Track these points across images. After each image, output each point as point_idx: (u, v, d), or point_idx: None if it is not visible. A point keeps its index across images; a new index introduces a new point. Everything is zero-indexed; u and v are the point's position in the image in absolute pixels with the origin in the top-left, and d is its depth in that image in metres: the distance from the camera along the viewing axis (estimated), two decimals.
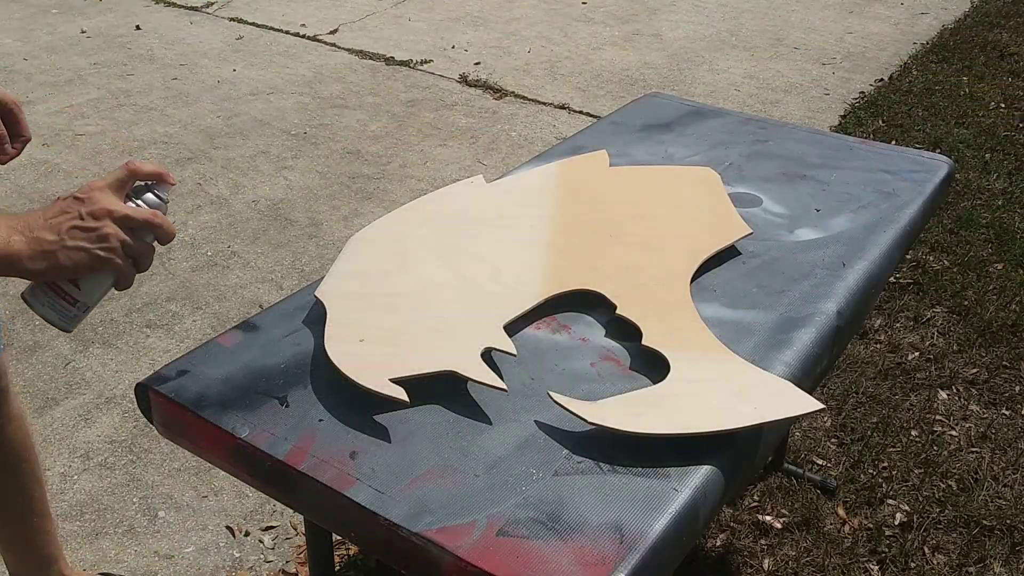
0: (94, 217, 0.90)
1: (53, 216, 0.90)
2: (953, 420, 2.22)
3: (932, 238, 2.95)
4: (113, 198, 0.92)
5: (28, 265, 0.89)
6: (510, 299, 1.12)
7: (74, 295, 0.93)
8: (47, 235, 0.89)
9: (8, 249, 0.87)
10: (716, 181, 1.40)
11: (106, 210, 0.90)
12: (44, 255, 0.89)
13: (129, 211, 0.92)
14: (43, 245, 0.89)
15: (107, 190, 0.92)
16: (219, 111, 3.86)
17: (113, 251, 0.91)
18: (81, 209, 0.90)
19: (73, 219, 0.90)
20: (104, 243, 0.91)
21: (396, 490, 0.87)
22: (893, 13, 5.30)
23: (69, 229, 0.89)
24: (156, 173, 0.96)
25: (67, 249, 0.89)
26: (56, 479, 2.02)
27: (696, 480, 0.89)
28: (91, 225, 0.90)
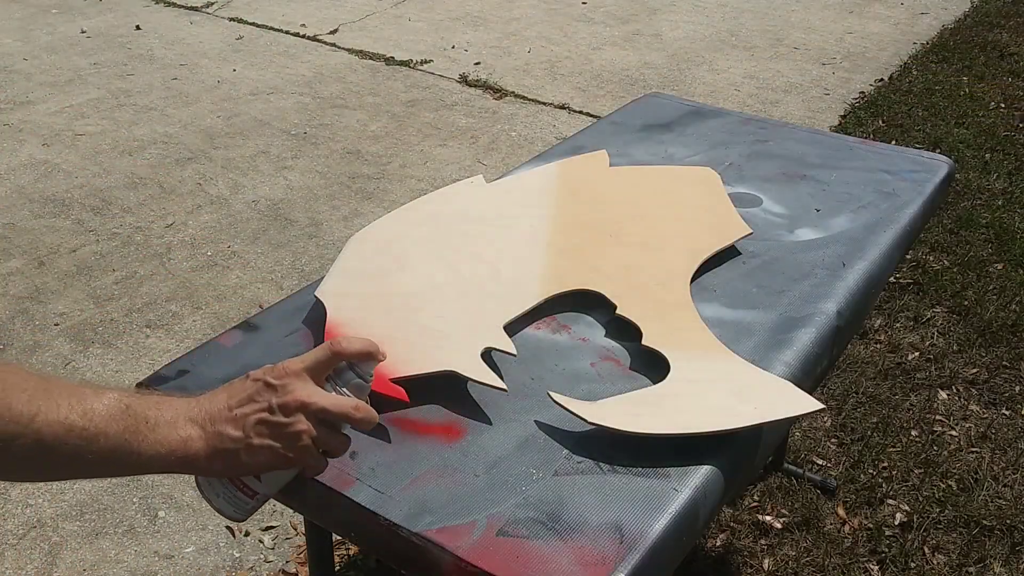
0: (285, 411, 0.78)
1: (239, 405, 0.78)
2: (953, 420, 2.22)
3: (932, 238, 2.95)
4: (309, 386, 0.80)
5: (204, 465, 0.78)
6: (510, 299, 1.12)
7: (254, 488, 0.83)
8: (230, 431, 0.77)
9: (185, 451, 0.76)
10: (716, 181, 1.40)
11: (300, 403, 0.78)
12: (224, 454, 0.77)
13: (327, 404, 0.79)
14: (225, 443, 0.77)
15: (304, 375, 0.80)
16: (219, 111, 3.86)
17: (303, 449, 0.79)
18: (272, 400, 0.78)
19: (261, 412, 0.78)
20: (294, 442, 0.79)
21: (396, 490, 0.87)
22: (893, 13, 5.30)
23: (255, 424, 0.78)
24: (363, 353, 0.83)
25: (251, 449, 0.78)
26: None
27: (696, 480, 0.89)
28: (281, 420, 0.78)
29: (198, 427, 0.77)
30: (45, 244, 2.89)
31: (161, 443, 0.75)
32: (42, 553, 1.84)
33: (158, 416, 0.76)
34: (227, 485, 0.82)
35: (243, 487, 0.82)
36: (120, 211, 3.09)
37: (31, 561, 1.83)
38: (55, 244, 2.89)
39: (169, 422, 0.76)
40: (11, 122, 3.71)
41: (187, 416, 0.78)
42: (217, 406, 0.79)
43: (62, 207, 3.10)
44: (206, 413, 0.78)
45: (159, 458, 0.75)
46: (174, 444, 0.76)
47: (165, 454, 0.75)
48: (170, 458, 0.76)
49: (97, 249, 2.87)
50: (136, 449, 0.74)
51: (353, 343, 0.82)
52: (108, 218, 3.05)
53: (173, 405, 0.78)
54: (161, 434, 0.75)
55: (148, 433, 0.75)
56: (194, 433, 0.77)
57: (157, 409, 0.76)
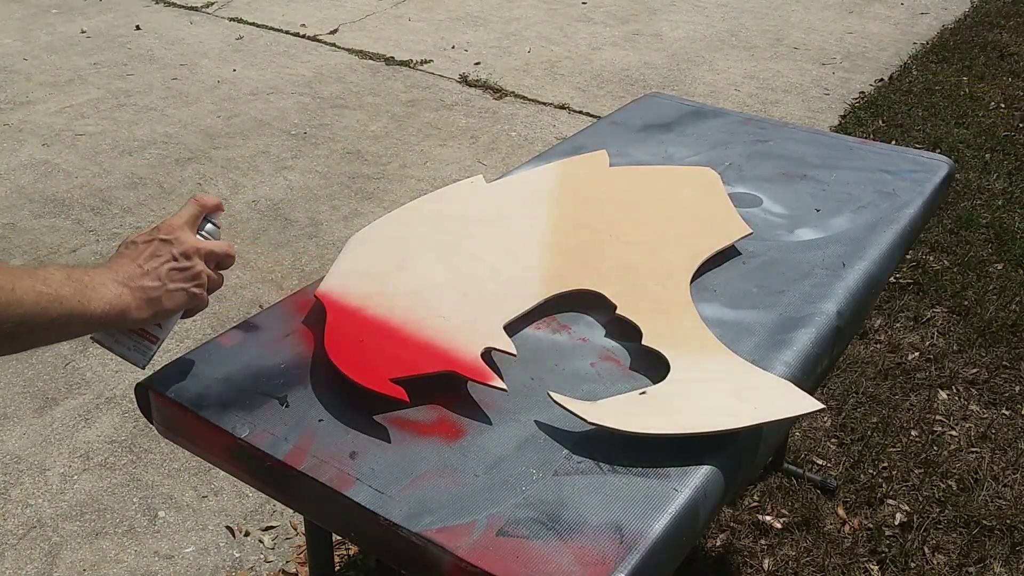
0: (186, 257, 0.93)
1: (146, 261, 0.91)
2: (953, 420, 2.22)
3: (932, 238, 2.95)
4: (192, 235, 0.96)
5: (135, 315, 0.90)
6: (510, 299, 1.12)
7: (156, 333, 0.96)
8: (149, 282, 0.90)
9: (120, 303, 0.88)
10: (716, 181, 1.40)
11: (195, 248, 0.94)
12: (150, 303, 0.91)
13: (212, 247, 0.96)
14: (148, 293, 0.90)
15: (186, 228, 0.95)
16: (219, 111, 3.86)
17: (203, 287, 0.95)
18: (173, 250, 0.92)
19: (168, 261, 0.92)
20: (197, 280, 0.94)
21: (396, 490, 0.87)
22: (893, 13, 5.30)
23: (168, 272, 0.92)
24: (217, 205, 1.01)
25: (169, 293, 0.92)
26: (56, 479, 2.02)
27: (696, 480, 0.89)
28: (185, 265, 0.93)
29: (123, 285, 0.89)
30: (45, 244, 2.89)
31: (102, 300, 0.86)
32: (42, 553, 1.84)
33: (91, 280, 0.87)
34: (130, 335, 0.95)
35: (147, 335, 0.95)
36: (120, 211, 3.09)
37: (31, 561, 1.83)
38: (55, 244, 2.89)
39: (101, 283, 0.87)
40: (11, 122, 3.71)
41: (111, 278, 0.89)
42: (129, 268, 0.91)
43: (62, 207, 3.10)
44: (124, 274, 0.90)
45: (103, 314, 0.87)
46: (112, 299, 0.87)
47: (108, 310, 0.87)
48: (111, 313, 0.87)
49: (97, 249, 2.87)
50: (87, 308, 0.85)
51: (209, 198, 1.00)
52: (108, 218, 3.05)
53: (91, 273, 0.88)
54: (99, 293, 0.86)
55: (91, 293, 0.86)
56: (122, 290, 0.89)
57: (86, 275, 0.87)
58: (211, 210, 1.00)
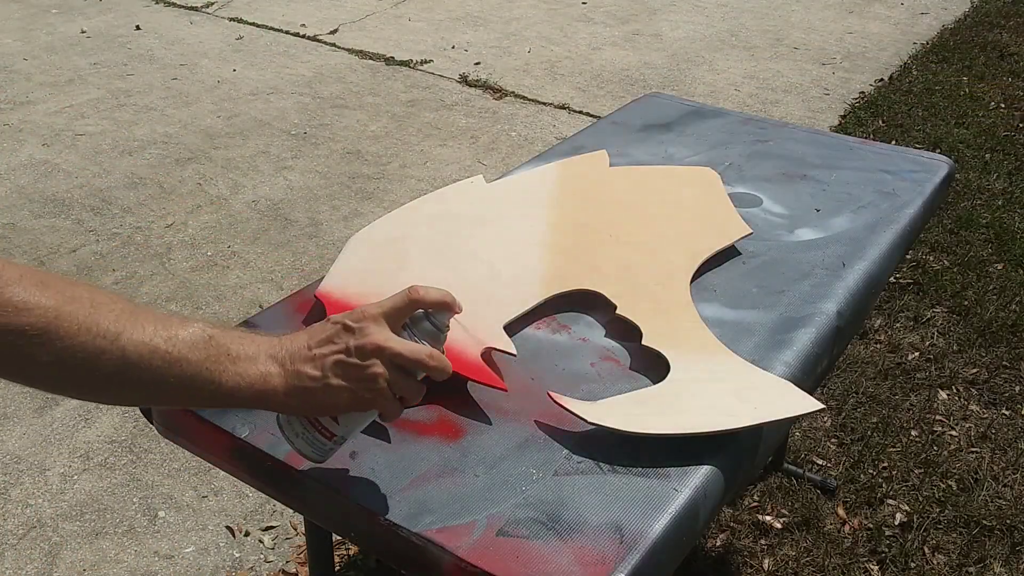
0: (362, 354, 0.79)
1: (318, 345, 0.80)
2: (953, 420, 2.22)
3: (932, 238, 2.95)
4: (386, 331, 0.81)
5: (283, 400, 0.79)
6: (510, 299, 1.12)
7: (332, 430, 0.84)
8: (309, 370, 0.79)
9: (264, 385, 0.78)
10: (716, 181, 1.40)
11: (377, 346, 0.79)
12: (302, 392, 0.79)
13: (402, 349, 0.80)
14: (303, 381, 0.79)
15: (381, 320, 0.81)
16: (219, 111, 3.86)
17: (379, 392, 0.80)
18: (350, 342, 0.79)
19: (339, 353, 0.79)
20: (370, 384, 0.80)
21: (396, 490, 0.87)
22: (893, 13, 5.30)
23: (333, 365, 0.79)
24: (440, 303, 0.84)
25: (329, 388, 0.79)
26: (56, 479, 2.02)
27: (696, 480, 0.89)
28: (357, 363, 0.79)
29: (278, 364, 0.79)
30: (45, 244, 2.89)
31: (241, 375, 0.77)
32: (42, 553, 1.84)
33: (240, 350, 0.78)
34: (306, 427, 0.83)
35: (322, 429, 0.83)
36: (120, 211, 3.09)
37: (31, 561, 1.83)
38: (55, 244, 2.89)
39: (250, 356, 0.78)
40: (11, 122, 3.71)
41: (268, 353, 0.79)
42: (297, 345, 0.80)
43: (62, 207, 3.10)
44: (286, 351, 0.80)
45: (238, 390, 0.77)
46: (253, 378, 0.78)
47: (244, 387, 0.77)
48: (248, 391, 0.78)
49: (97, 249, 2.87)
50: (216, 379, 0.76)
51: (431, 292, 0.83)
52: (108, 218, 3.05)
53: (255, 341, 0.80)
54: (242, 367, 0.77)
55: (229, 365, 0.77)
56: (274, 369, 0.79)
57: (239, 343, 0.78)
58: (431, 306, 0.83)
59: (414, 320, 0.84)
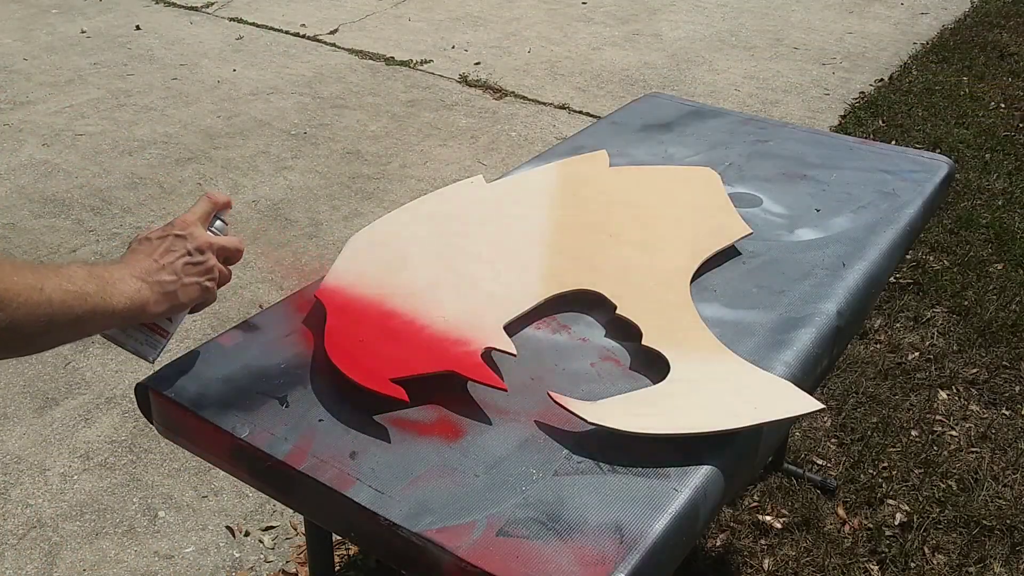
0: (200, 252, 0.96)
1: (162, 256, 0.94)
2: (953, 420, 2.22)
3: (932, 238, 2.95)
4: (204, 230, 0.98)
5: (153, 309, 0.92)
6: (510, 299, 1.12)
7: (166, 327, 0.98)
8: (166, 276, 0.93)
9: (140, 298, 0.90)
10: (716, 181, 1.40)
11: (208, 243, 0.97)
12: (167, 296, 0.93)
13: (224, 242, 0.99)
14: (165, 287, 0.92)
15: (198, 223, 0.98)
16: (219, 111, 3.86)
17: (215, 281, 0.98)
18: (188, 245, 0.95)
19: (183, 256, 0.94)
20: (210, 275, 0.97)
21: (396, 490, 0.87)
22: (893, 13, 5.30)
23: (183, 267, 0.94)
24: (227, 202, 1.04)
25: (185, 287, 0.94)
26: (56, 479, 2.02)
27: (696, 480, 0.89)
28: (199, 259, 0.95)
29: (139, 280, 0.91)
30: (45, 244, 2.89)
31: (123, 295, 0.89)
32: (42, 553, 1.84)
33: (111, 275, 0.88)
34: (142, 329, 0.96)
35: (159, 329, 0.97)
36: (120, 211, 3.09)
37: (31, 561, 1.83)
38: (55, 244, 2.89)
39: (121, 279, 0.89)
40: (11, 122, 3.71)
41: (129, 273, 0.91)
42: (145, 263, 0.93)
43: (62, 207, 3.10)
44: (140, 269, 0.92)
45: (124, 309, 0.88)
46: (131, 294, 0.89)
47: (128, 305, 0.89)
48: (131, 307, 0.89)
49: (97, 249, 2.87)
50: (109, 304, 0.87)
51: (219, 195, 1.02)
52: (108, 218, 3.05)
53: (111, 269, 0.90)
54: (119, 289, 0.88)
55: (112, 289, 0.87)
56: (141, 284, 0.91)
57: (106, 271, 0.88)
58: (221, 207, 1.03)
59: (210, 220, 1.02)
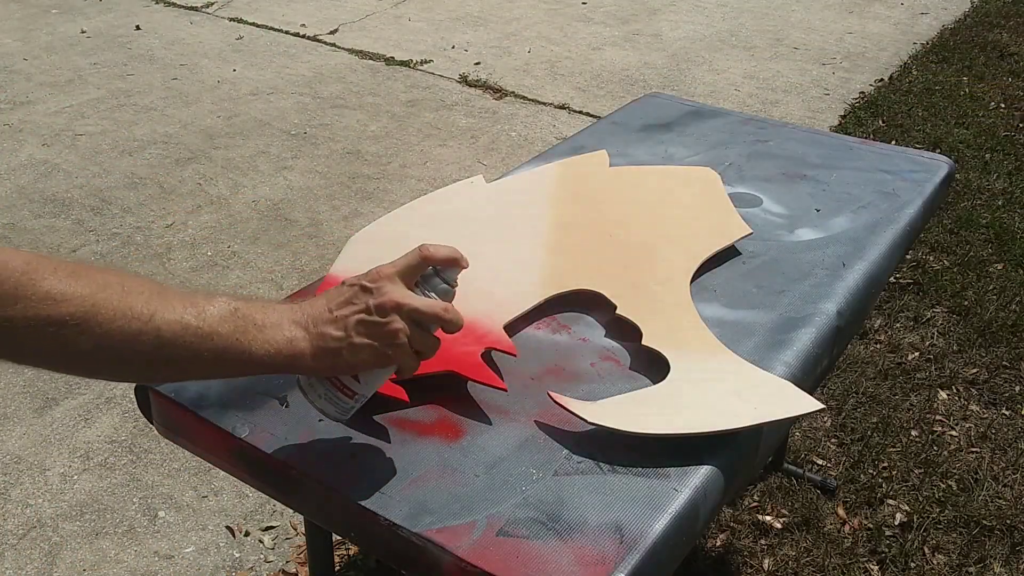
0: (382, 311, 0.83)
1: (338, 307, 0.84)
2: (953, 420, 2.22)
3: (932, 238, 2.95)
4: (402, 288, 0.85)
5: (310, 363, 0.83)
6: (510, 299, 1.12)
7: (354, 388, 0.87)
8: (332, 331, 0.82)
9: (292, 349, 0.81)
10: (716, 181, 1.40)
11: (395, 303, 0.83)
12: (328, 353, 0.82)
13: (419, 304, 0.84)
14: (328, 343, 0.82)
15: (396, 279, 0.85)
16: (219, 111, 3.86)
17: (399, 347, 0.84)
18: (369, 301, 0.83)
19: (360, 312, 0.83)
20: (391, 340, 0.83)
21: (396, 490, 0.87)
22: (893, 13, 5.30)
23: (356, 324, 0.83)
24: (450, 259, 0.88)
25: (353, 347, 0.83)
26: (56, 479, 2.02)
27: (696, 480, 0.89)
28: (378, 320, 0.83)
29: (302, 328, 0.82)
30: (45, 244, 2.89)
31: (269, 342, 0.80)
32: (42, 553, 1.84)
33: (264, 318, 0.81)
34: (328, 387, 0.86)
35: (343, 388, 0.86)
36: (120, 211, 3.09)
37: (31, 561, 1.83)
38: (55, 244, 2.89)
39: (275, 324, 0.81)
40: (11, 122, 3.71)
41: (291, 319, 0.82)
42: (318, 309, 0.84)
43: (62, 207, 3.10)
44: (308, 316, 0.83)
45: (267, 357, 0.80)
46: (281, 344, 0.81)
47: (273, 353, 0.81)
48: (277, 357, 0.81)
49: (97, 249, 2.87)
50: (246, 348, 0.79)
51: (440, 250, 0.87)
52: (108, 218, 3.05)
53: (277, 309, 0.83)
54: (269, 334, 0.81)
55: (257, 333, 0.80)
56: (299, 334, 0.82)
57: (263, 312, 0.81)
58: (441, 263, 0.88)
59: (425, 278, 0.88)
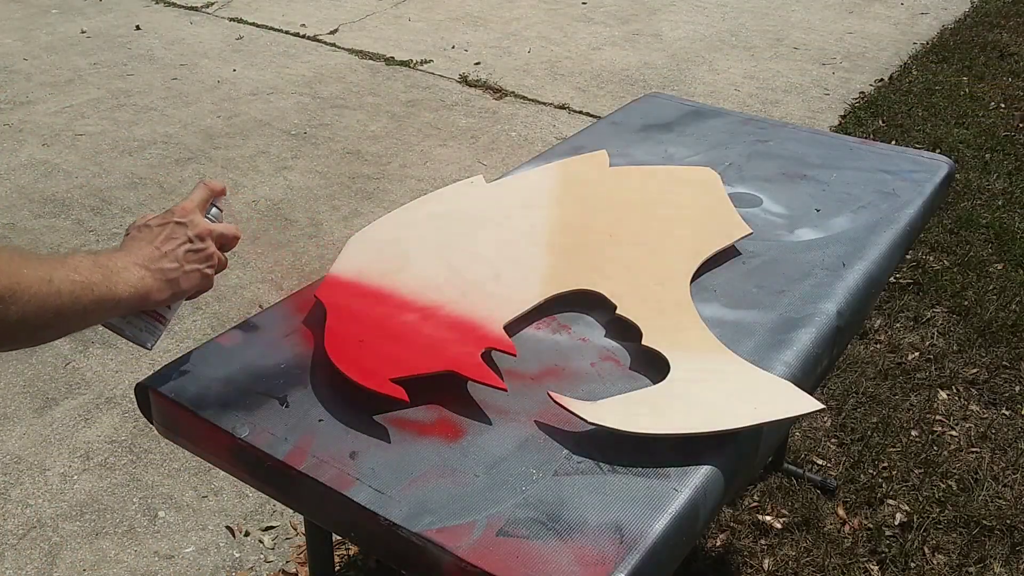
0: (200, 239, 0.96)
1: (163, 243, 0.94)
2: (953, 420, 2.22)
3: (932, 238, 2.95)
4: (203, 217, 0.99)
5: (156, 297, 0.93)
6: (510, 299, 1.12)
7: (164, 315, 0.98)
8: (168, 264, 0.93)
9: (143, 287, 0.91)
10: (716, 181, 1.40)
11: (208, 231, 0.97)
12: (169, 284, 0.93)
13: (223, 230, 1.00)
14: (167, 274, 0.93)
15: (197, 211, 0.99)
16: (219, 111, 3.86)
17: (214, 268, 0.99)
18: (188, 232, 0.96)
19: (184, 243, 0.95)
20: (210, 262, 0.98)
21: (396, 490, 0.87)
22: (893, 13, 5.30)
23: (185, 254, 0.95)
24: (222, 189, 1.04)
25: (186, 274, 0.95)
26: (56, 479, 2.02)
27: (696, 480, 0.89)
28: (200, 247, 0.96)
29: (143, 268, 0.92)
30: (45, 244, 2.89)
31: (128, 284, 0.89)
32: (42, 553, 1.84)
33: (115, 264, 0.89)
34: (141, 317, 0.96)
35: (158, 316, 0.97)
36: (120, 211, 3.09)
37: (31, 561, 1.83)
38: (55, 244, 2.89)
39: (125, 267, 0.90)
40: (11, 122, 3.71)
41: (132, 262, 0.91)
42: (147, 250, 0.93)
43: (62, 207, 3.10)
44: (143, 257, 0.92)
45: (129, 297, 0.89)
46: (136, 283, 0.90)
47: (133, 293, 0.90)
48: (135, 296, 0.90)
49: (97, 249, 2.87)
50: (115, 293, 0.87)
51: (215, 183, 1.03)
52: (108, 218, 3.05)
53: (114, 257, 0.90)
54: (123, 277, 0.89)
55: (116, 278, 0.88)
56: (143, 273, 0.91)
57: (110, 260, 0.89)
58: (218, 194, 1.04)
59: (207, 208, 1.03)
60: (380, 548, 0.86)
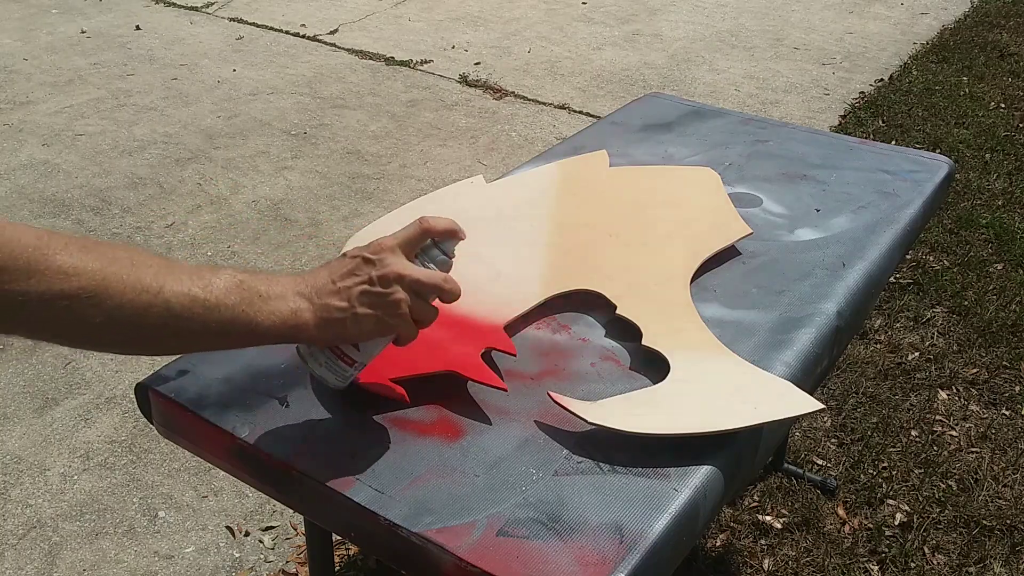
0: (384, 282, 0.85)
1: (341, 278, 0.85)
2: (953, 420, 2.22)
3: (932, 238, 2.95)
4: (403, 260, 0.87)
5: (314, 334, 0.84)
6: (510, 299, 1.12)
7: (354, 357, 0.89)
8: (336, 302, 0.84)
9: (296, 320, 0.83)
10: (716, 181, 1.40)
11: (397, 274, 0.85)
12: (332, 323, 0.84)
13: (420, 276, 0.86)
14: (332, 313, 0.84)
15: (398, 250, 0.87)
16: (219, 111, 3.86)
17: (401, 317, 0.86)
18: (372, 273, 0.85)
19: (363, 284, 0.85)
20: (393, 310, 0.85)
21: (396, 490, 0.87)
22: (893, 13, 5.30)
23: (359, 295, 0.84)
24: (448, 231, 0.90)
25: (356, 318, 0.84)
26: (56, 479, 2.02)
27: (696, 480, 0.89)
28: (381, 291, 0.85)
29: (306, 300, 0.84)
30: None
31: (274, 313, 0.82)
32: (42, 553, 1.84)
33: (269, 290, 0.82)
34: (328, 356, 0.88)
35: (343, 356, 0.88)
36: (120, 211, 3.09)
37: (31, 561, 1.83)
38: None
39: (280, 295, 0.83)
40: (11, 122, 3.71)
41: (295, 290, 0.84)
42: (321, 281, 0.85)
43: (62, 207, 3.10)
44: (311, 287, 0.84)
45: (272, 327, 0.82)
46: (286, 315, 0.82)
47: (278, 324, 0.82)
48: (282, 327, 0.82)
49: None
50: (252, 319, 0.81)
51: (439, 221, 0.89)
52: (108, 218, 3.05)
53: (280, 281, 0.84)
54: (273, 306, 0.82)
55: (262, 305, 0.81)
56: (303, 305, 0.83)
57: (268, 284, 0.83)
58: (440, 235, 0.90)
59: (424, 249, 0.90)
60: (380, 548, 0.86)
